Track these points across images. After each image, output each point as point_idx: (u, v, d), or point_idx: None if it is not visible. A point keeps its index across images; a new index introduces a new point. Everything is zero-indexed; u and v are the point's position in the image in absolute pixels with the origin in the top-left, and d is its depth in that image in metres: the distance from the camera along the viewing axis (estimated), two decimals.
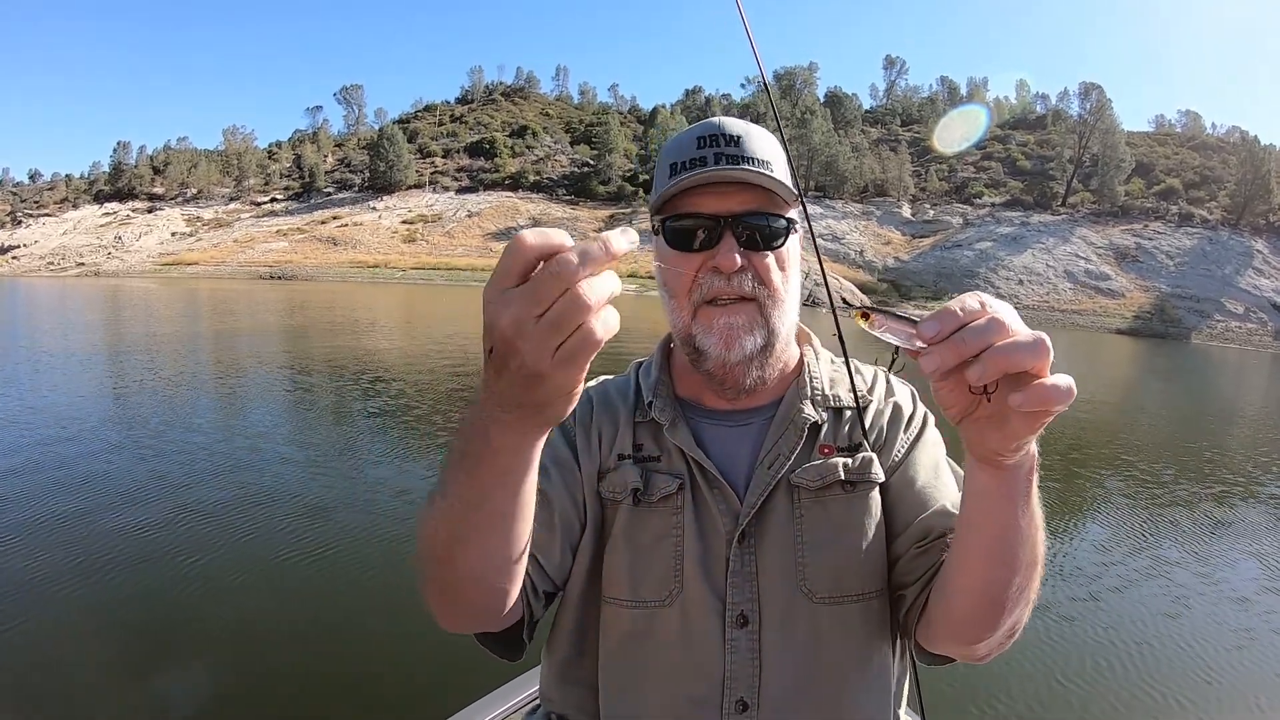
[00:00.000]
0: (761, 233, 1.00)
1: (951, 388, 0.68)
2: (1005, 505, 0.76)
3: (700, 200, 1.01)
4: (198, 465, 7.07)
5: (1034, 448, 0.73)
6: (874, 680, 1.05)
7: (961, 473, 1.05)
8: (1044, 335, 0.62)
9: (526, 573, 0.98)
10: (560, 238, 0.57)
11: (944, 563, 0.93)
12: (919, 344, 0.65)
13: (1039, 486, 0.78)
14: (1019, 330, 0.63)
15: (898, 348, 0.67)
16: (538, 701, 1.22)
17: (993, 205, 71.06)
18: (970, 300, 0.64)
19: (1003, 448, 0.69)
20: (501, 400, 0.65)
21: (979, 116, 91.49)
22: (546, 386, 0.61)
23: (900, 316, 0.67)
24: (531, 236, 0.58)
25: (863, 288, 54.81)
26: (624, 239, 0.57)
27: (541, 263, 0.57)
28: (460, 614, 0.95)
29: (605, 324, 0.58)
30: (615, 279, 0.59)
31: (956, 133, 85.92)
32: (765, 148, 1.02)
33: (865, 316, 0.69)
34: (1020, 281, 56.81)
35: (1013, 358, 0.61)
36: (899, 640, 1.10)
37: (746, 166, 0.99)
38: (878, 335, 0.68)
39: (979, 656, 0.93)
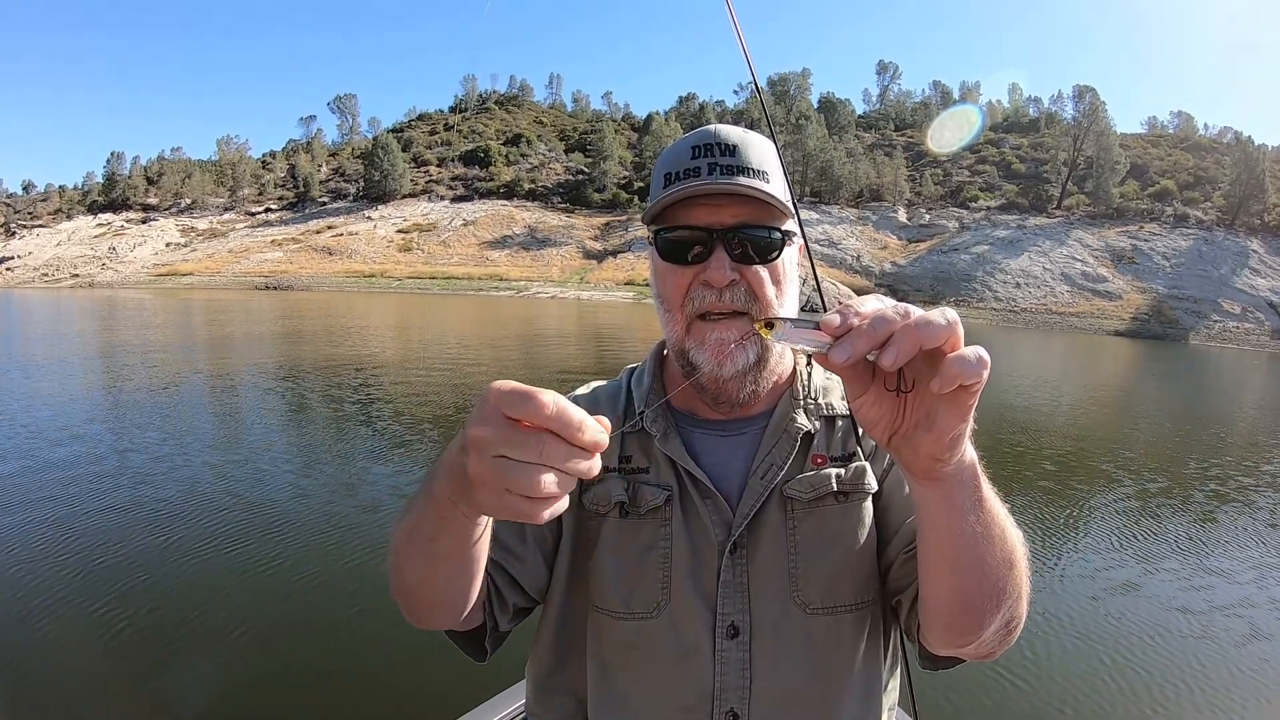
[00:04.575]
0: (755, 245, 0.98)
1: (873, 400, 0.67)
2: (957, 518, 0.75)
3: (693, 212, 0.98)
4: (190, 472, 6.92)
5: (971, 451, 0.72)
6: (866, 688, 1.05)
7: None
8: (949, 310, 0.62)
9: (492, 585, 1.02)
10: (576, 421, 0.60)
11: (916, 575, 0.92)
12: (825, 341, 0.63)
13: (989, 485, 0.77)
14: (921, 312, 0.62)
15: (809, 355, 0.60)
16: (524, 715, 1.22)
17: (988, 209, 71.16)
18: (869, 299, 0.64)
19: (938, 451, 0.68)
20: (448, 469, 0.70)
21: (973, 116, 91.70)
22: (476, 496, 0.64)
23: (802, 320, 0.65)
24: (560, 410, 0.59)
25: (860, 293, 54.70)
26: (600, 436, 0.61)
27: (546, 430, 0.60)
28: (422, 621, 0.97)
29: (550, 511, 0.62)
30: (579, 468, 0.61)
31: (951, 133, 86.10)
32: (761, 157, 1.00)
33: (769, 326, 0.65)
34: (1017, 285, 56.77)
35: (924, 331, 0.60)
36: (890, 646, 1.09)
37: (741, 178, 0.96)
38: (786, 345, 0.64)
39: (982, 655, 0.91)
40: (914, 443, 0.68)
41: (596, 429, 0.61)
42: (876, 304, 0.63)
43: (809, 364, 1.17)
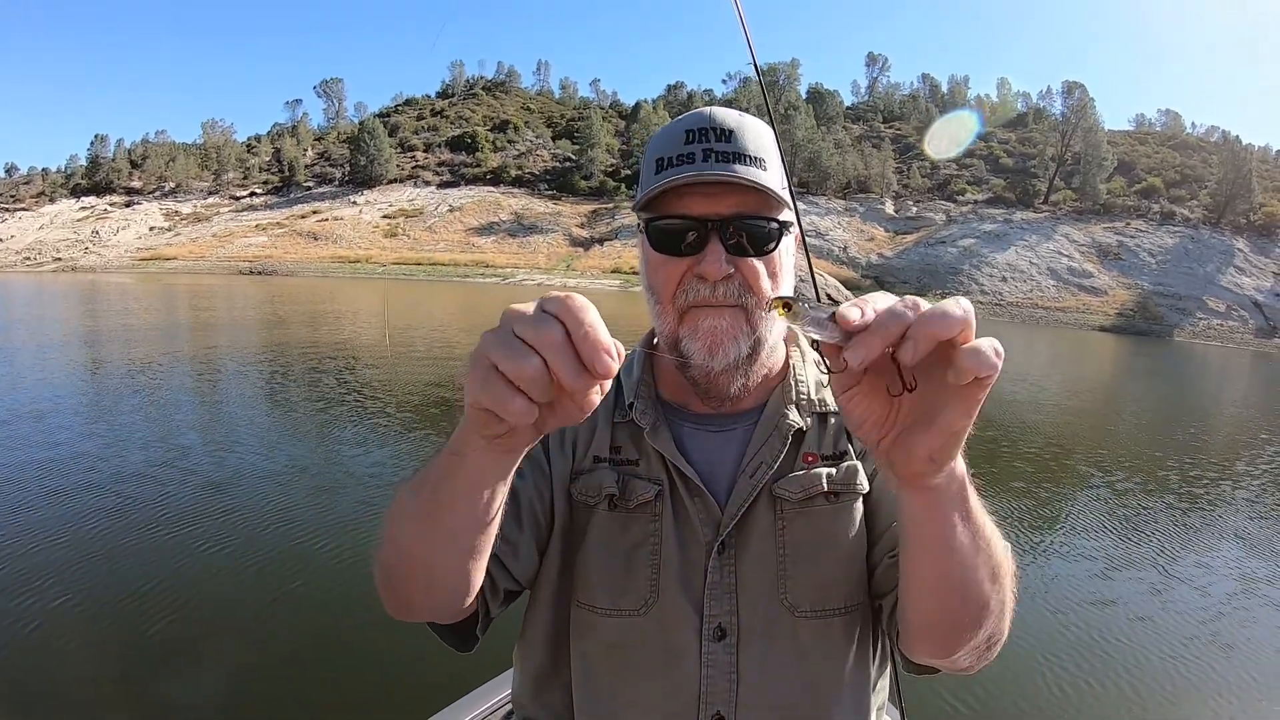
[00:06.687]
0: (751, 237, 0.93)
1: (865, 394, 0.64)
2: (943, 531, 0.71)
3: (687, 200, 0.93)
4: (179, 469, 6.77)
5: (961, 463, 0.68)
6: (854, 691, 1.02)
7: None
8: (962, 299, 0.58)
9: (487, 572, 0.92)
10: (588, 318, 0.57)
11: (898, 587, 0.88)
12: (835, 336, 0.59)
13: (977, 497, 0.73)
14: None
15: (816, 342, 0.60)
16: (510, 706, 1.18)
17: (975, 202, 71.31)
18: (879, 295, 0.60)
19: (936, 451, 0.63)
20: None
21: (970, 121, 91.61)
22: (470, 388, 0.60)
23: (819, 306, 0.60)
24: (576, 300, 0.58)
25: (847, 284, 54.69)
26: (609, 360, 0.57)
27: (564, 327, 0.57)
28: (408, 607, 0.90)
29: (526, 409, 0.58)
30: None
31: (948, 139, 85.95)
32: (759, 143, 0.94)
33: (787, 307, 0.61)
34: (1004, 279, 56.96)
35: (940, 325, 0.56)
36: (879, 645, 1.07)
37: (738, 166, 0.91)
38: (801, 330, 0.61)
39: (960, 669, 0.88)
40: (908, 444, 0.64)
41: (608, 343, 0.57)
42: (885, 299, 0.59)
43: (804, 358, 1.13)
